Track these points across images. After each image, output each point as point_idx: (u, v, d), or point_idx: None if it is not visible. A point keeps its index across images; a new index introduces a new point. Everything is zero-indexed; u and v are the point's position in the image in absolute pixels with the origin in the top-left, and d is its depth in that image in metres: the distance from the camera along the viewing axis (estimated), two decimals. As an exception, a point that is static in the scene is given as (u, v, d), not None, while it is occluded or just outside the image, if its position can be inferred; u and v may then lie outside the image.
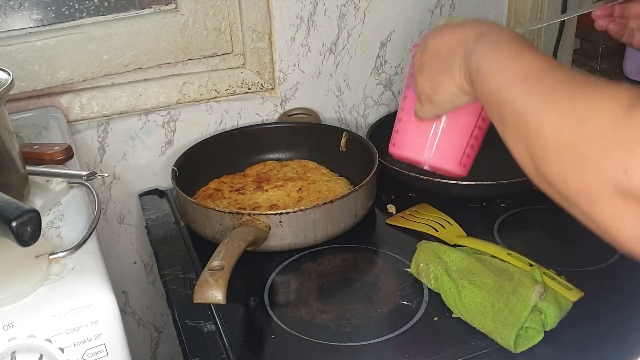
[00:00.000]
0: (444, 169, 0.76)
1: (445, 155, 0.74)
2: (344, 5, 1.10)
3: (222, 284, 0.69)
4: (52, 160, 0.80)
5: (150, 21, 1.01)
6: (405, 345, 0.71)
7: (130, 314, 1.18)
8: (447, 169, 0.75)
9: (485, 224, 0.93)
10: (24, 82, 0.96)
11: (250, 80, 1.09)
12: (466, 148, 0.74)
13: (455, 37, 0.64)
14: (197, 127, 1.11)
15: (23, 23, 0.96)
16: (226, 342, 0.73)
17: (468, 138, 0.73)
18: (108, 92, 1.02)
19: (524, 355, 0.69)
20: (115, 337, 0.59)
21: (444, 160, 0.74)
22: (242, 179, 1.05)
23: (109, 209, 1.10)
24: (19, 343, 0.55)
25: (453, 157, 0.74)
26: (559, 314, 0.71)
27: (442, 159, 0.74)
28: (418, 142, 0.75)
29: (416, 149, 0.75)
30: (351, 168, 1.04)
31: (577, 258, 0.84)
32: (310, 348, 0.72)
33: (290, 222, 0.85)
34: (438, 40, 0.66)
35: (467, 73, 0.61)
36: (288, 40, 1.09)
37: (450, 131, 0.73)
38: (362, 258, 0.88)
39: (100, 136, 1.05)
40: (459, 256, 0.78)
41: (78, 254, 0.62)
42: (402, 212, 0.96)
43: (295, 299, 0.81)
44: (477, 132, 0.73)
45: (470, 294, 0.73)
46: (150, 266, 1.17)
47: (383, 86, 1.20)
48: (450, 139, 0.73)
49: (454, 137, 0.73)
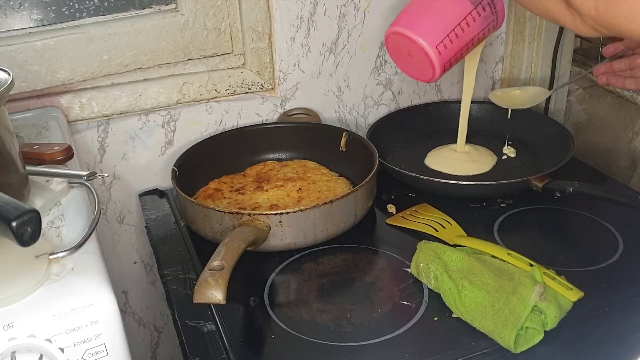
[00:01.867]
0: (423, 49, 0.86)
1: (429, 32, 0.85)
2: (344, 5, 1.10)
3: (222, 284, 0.69)
4: (52, 160, 0.80)
5: (150, 21, 1.01)
6: (405, 345, 0.71)
7: (130, 314, 1.18)
8: (426, 50, 0.86)
9: (485, 224, 0.93)
10: (24, 82, 0.96)
11: (250, 80, 1.09)
12: (448, 35, 0.85)
13: None
14: (197, 127, 1.11)
15: (23, 23, 0.96)
16: (226, 342, 0.73)
17: (452, 28, 0.85)
18: (108, 92, 1.02)
19: (524, 355, 0.69)
20: (115, 337, 0.59)
21: (426, 36, 0.85)
22: (242, 179, 1.05)
23: (109, 209, 1.10)
24: (19, 343, 0.55)
25: (434, 37, 0.85)
26: (559, 314, 0.71)
27: (425, 34, 0.85)
28: (410, 18, 0.87)
29: (406, 23, 0.87)
30: (351, 168, 1.04)
31: (577, 258, 0.84)
32: (310, 348, 0.72)
33: (290, 222, 0.85)
34: None
35: None
36: (288, 40, 1.09)
37: (439, 13, 0.85)
38: (362, 258, 0.88)
39: (100, 136, 1.05)
40: (459, 256, 0.78)
41: (78, 254, 0.62)
42: (402, 212, 0.96)
43: (295, 299, 0.81)
44: (459, 30, 0.85)
45: (470, 294, 0.73)
46: (150, 266, 1.17)
47: (383, 86, 1.20)
48: (437, 20, 0.86)
49: (440, 19, 0.85)
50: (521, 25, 1.20)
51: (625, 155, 1.13)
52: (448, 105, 1.21)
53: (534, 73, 1.24)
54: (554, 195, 0.93)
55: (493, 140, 1.14)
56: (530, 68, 1.24)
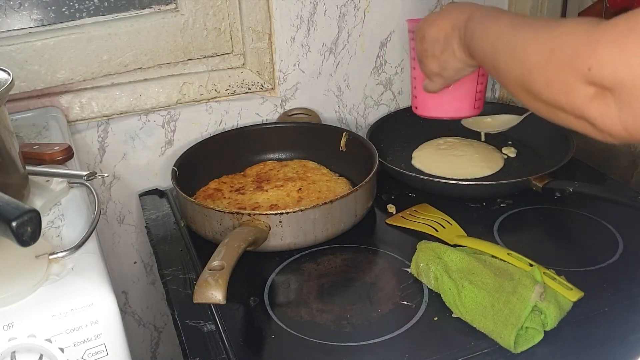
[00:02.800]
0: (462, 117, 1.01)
1: (462, 106, 0.94)
2: (344, 5, 1.10)
3: (222, 284, 0.69)
4: (52, 160, 0.80)
5: (150, 21, 1.01)
6: (405, 345, 0.71)
7: (130, 314, 1.18)
8: (466, 116, 0.98)
9: (485, 224, 0.93)
10: (24, 82, 0.96)
11: (250, 80, 1.09)
12: (476, 95, 0.94)
13: (448, 23, 0.79)
14: (197, 127, 1.11)
15: (23, 23, 0.96)
16: (226, 342, 0.73)
17: (475, 88, 0.93)
18: (108, 92, 1.02)
19: (524, 355, 0.69)
20: (115, 337, 0.59)
21: (461, 110, 0.95)
22: (242, 179, 1.05)
23: (109, 209, 1.10)
24: (19, 343, 0.55)
25: (468, 105, 0.94)
26: (559, 314, 0.71)
27: (460, 110, 0.95)
28: (436, 103, 0.94)
29: (436, 109, 0.96)
30: (351, 168, 1.04)
31: (577, 258, 0.84)
32: (310, 348, 0.72)
33: (290, 222, 0.85)
34: (433, 29, 0.81)
35: (465, 48, 0.76)
36: (288, 40, 1.09)
37: (460, 89, 0.92)
38: (362, 258, 0.88)
39: (100, 136, 1.05)
40: (459, 256, 0.78)
41: (78, 254, 0.62)
42: (402, 212, 0.96)
43: (295, 299, 0.81)
44: (481, 79, 0.93)
45: (470, 294, 0.73)
46: (150, 266, 1.17)
47: (383, 86, 1.20)
48: (462, 95, 0.93)
49: (464, 92, 0.93)
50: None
51: (625, 155, 1.13)
52: (448, 105, 1.21)
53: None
54: (554, 195, 0.93)
55: (493, 140, 1.14)
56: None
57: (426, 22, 0.83)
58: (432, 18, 0.83)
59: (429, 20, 0.83)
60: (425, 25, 0.83)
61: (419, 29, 0.85)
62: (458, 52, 0.78)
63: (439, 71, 0.83)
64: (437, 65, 0.83)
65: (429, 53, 0.83)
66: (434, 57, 0.83)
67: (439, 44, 0.81)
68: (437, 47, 0.81)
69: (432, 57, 0.83)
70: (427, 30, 0.82)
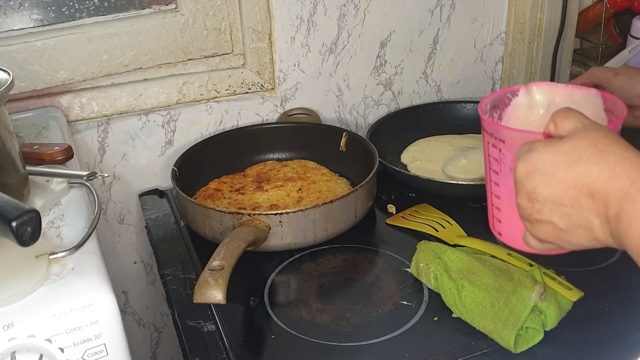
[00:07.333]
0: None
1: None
2: (344, 5, 1.10)
3: (222, 284, 0.69)
4: (52, 160, 0.80)
5: (150, 21, 1.02)
6: (405, 345, 0.71)
7: (130, 314, 1.18)
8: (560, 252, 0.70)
9: (485, 224, 0.92)
10: (24, 82, 0.96)
11: (250, 80, 1.09)
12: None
13: (575, 185, 0.52)
14: (197, 127, 1.11)
15: (23, 23, 0.96)
16: (226, 342, 0.73)
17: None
18: (108, 92, 1.02)
19: (524, 355, 0.69)
20: (115, 337, 0.59)
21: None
22: (242, 179, 1.05)
23: (109, 209, 1.10)
24: (19, 343, 0.55)
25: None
26: (559, 314, 0.71)
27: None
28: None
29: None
30: (351, 168, 1.04)
31: (577, 258, 0.84)
32: (310, 348, 0.72)
33: (290, 222, 0.85)
34: (553, 188, 0.53)
35: (615, 235, 0.52)
36: (288, 40, 1.09)
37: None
38: (362, 258, 0.88)
39: (100, 136, 1.05)
40: (459, 256, 0.78)
41: (78, 254, 0.62)
42: (402, 212, 0.96)
43: (295, 299, 0.81)
44: None
45: (470, 294, 0.73)
46: (150, 266, 1.17)
47: (383, 86, 1.20)
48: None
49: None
50: (521, 25, 1.20)
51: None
52: (448, 105, 1.21)
53: (534, 73, 1.24)
54: (554, 195, 0.93)
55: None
56: (530, 68, 1.24)
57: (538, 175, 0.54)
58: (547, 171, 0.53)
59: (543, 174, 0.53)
60: (539, 180, 0.54)
61: (523, 179, 0.55)
62: (601, 234, 0.52)
63: (558, 243, 0.57)
64: (555, 235, 0.56)
65: (544, 217, 0.55)
66: (552, 226, 0.55)
67: (563, 210, 0.53)
68: (559, 214, 0.54)
69: (549, 225, 0.55)
70: (543, 187, 0.53)
